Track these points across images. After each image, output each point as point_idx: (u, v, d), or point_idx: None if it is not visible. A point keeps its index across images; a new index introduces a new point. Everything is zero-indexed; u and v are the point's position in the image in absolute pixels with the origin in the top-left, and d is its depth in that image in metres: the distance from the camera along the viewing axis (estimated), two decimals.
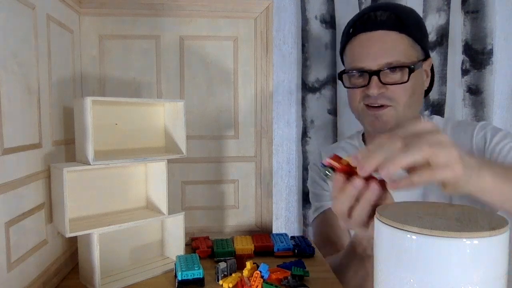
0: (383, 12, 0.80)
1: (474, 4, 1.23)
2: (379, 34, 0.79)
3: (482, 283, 0.32)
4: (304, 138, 1.27)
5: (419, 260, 0.33)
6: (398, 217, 0.36)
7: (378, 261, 0.38)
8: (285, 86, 1.30)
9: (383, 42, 0.79)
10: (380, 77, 0.78)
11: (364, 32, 0.81)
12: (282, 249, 0.74)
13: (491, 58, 1.24)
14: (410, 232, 0.33)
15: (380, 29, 0.79)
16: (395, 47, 0.78)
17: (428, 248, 0.33)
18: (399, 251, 0.35)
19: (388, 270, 0.36)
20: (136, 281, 0.63)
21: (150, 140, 0.73)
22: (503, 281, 0.34)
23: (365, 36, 0.81)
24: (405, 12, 0.82)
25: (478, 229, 0.32)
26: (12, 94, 0.50)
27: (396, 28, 0.79)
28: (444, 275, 0.32)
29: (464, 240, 0.32)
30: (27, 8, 0.54)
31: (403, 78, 0.78)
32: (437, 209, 0.39)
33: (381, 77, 0.78)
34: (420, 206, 0.41)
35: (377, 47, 0.79)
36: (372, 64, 0.79)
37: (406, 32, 0.79)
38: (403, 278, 0.34)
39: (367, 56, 0.80)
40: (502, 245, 0.33)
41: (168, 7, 0.78)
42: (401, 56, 0.78)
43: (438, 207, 0.41)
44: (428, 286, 0.33)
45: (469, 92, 1.26)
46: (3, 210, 0.48)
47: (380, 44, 0.79)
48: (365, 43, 0.81)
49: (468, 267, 0.32)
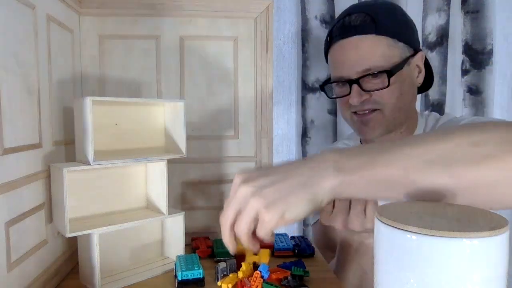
0: (357, 15, 0.77)
1: (474, 4, 1.23)
2: (354, 40, 0.76)
3: (482, 283, 0.32)
4: (304, 138, 1.27)
5: (419, 260, 0.33)
6: (398, 217, 0.36)
7: (378, 261, 0.38)
8: (285, 86, 1.30)
9: (358, 48, 0.76)
10: (361, 85, 0.76)
11: (341, 39, 0.78)
12: (282, 249, 0.74)
13: (491, 58, 1.24)
14: (410, 232, 0.33)
15: (356, 34, 0.76)
16: (372, 52, 0.75)
17: (428, 248, 0.33)
18: (399, 251, 0.35)
19: (388, 270, 0.36)
20: (136, 281, 0.63)
21: (150, 140, 0.73)
22: (503, 281, 0.34)
23: (341, 44, 0.78)
24: (382, 12, 0.78)
25: (478, 229, 0.32)
26: (12, 94, 0.50)
27: (372, 31, 0.75)
28: (444, 275, 0.32)
29: (464, 240, 0.32)
30: (27, 8, 0.54)
31: (384, 83, 0.75)
32: (437, 209, 0.39)
33: (362, 84, 0.76)
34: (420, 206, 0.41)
35: (353, 54, 0.76)
36: (350, 72, 0.77)
37: (384, 33, 0.75)
38: (403, 278, 0.34)
39: (344, 65, 0.78)
40: (502, 245, 0.33)
41: (168, 7, 0.78)
42: (380, 60, 0.75)
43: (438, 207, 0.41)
44: (428, 286, 0.33)
45: (469, 92, 1.26)
46: (3, 210, 0.48)
47: (356, 51, 0.76)
48: (342, 51, 0.78)
49: (468, 267, 0.32)
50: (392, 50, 0.76)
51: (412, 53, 0.79)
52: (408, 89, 0.79)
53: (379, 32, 0.75)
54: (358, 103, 0.76)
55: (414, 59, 0.80)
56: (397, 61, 0.76)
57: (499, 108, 1.31)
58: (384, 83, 0.75)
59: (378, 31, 0.75)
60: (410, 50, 0.79)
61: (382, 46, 0.75)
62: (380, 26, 0.75)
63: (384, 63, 0.75)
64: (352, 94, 0.77)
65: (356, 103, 0.77)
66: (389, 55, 0.76)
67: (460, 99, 1.28)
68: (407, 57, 0.78)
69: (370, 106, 0.77)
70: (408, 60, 0.78)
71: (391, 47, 0.76)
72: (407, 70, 0.78)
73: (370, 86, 0.76)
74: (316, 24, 1.23)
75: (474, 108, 1.26)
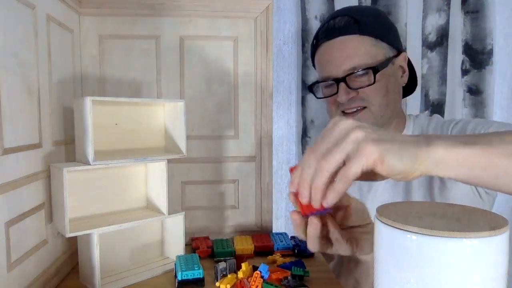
0: (341, 17, 0.81)
1: (474, 4, 1.23)
2: (339, 40, 0.80)
3: (482, 283, 0.32)
4: (304, 138, 1.27)
5: (419, 260, 0.33)
6: (398, 217, 0.36)
7: (378, 261, 0.38)
8: (285, 86, 1.30)
9: (344, 47, 0.79)
10: (348, 83, 0.78)
11: (327, 41, 0.81)
12: (282, 248, 0.74)
13: (491, 58, 1.24)
14: (410, 232, 0.33)
15: (340, 35, 0.79)
16: (356, 51, 0.78)
17: (428, 248, 0.33)
18: (399, 251, 0.35)
19: (388, 270, 0.36)
20: (136, 281, 0.63)
21: (150, 140, 0.73)
22: (503, 281, 0.34)
23: (327, 45, 0.82)
24: (364, 14, 0.82)
25: (478, 229, 0.32)
26: (12, 94, 0.50)
27: (356, 31, 0.79)
28: (444, 275, 0.32)
29: (464, 240, 0.32)
30: (27, 8, 0.54)
31: (370, 79, 0.78)
32: (437, 209, 0.40)
33: (349, 82, 0.78)
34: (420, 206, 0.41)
35: (338, 53, 0.79)
36: (336, 71, 0.79)
37: (367, 33, 0.79)
38: (403, 278, 0.34)
39: (330, 64, 0.81)
40: (502, 245, 0.33)
41: (168, 7, 0.78)
42: (365, 58, 0.78)
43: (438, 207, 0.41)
44: (428, 286, 0.33)
45: (469, 92, 1.26)
46: (3, 210, 0.48)
47: (341, 50, 0.79)
48: (328, 51, 0.82)
49: (468, 267, 0.32)
50: (376, 49, 0.79)
51: (395, 54, 0.83)
52: (394, 87, 0.82)
53: (362, 33, 0.79)
54: (346, 100, 0.79)
55: (398, 59, 0.83)
56: (381, 59, 0.79)
57: (499, 108, 1.31)
58: (370, 80, 0.78)
59: (362, 32, 0.79)
60: (393, 51, 0.83)
61: (366, 45, 0.79)
62: (364, 27, 0.79)
63: (369, 60, 0.78)
64: (339, 92, 0.79)
65: (344, 101, 0.79)
66: (374, 53, 0.79)
67: (460, 99, 1.28)
68: (390, 56, 0.81)
69: (357, 103, 0.80)
70: (392, 60, 0.81)
71: (374, 46, 0.79)
72: (392, 69, 0.81)
73: (357, 84, 0.79)
74: (316, 24, 1.23)
75: (474, 108, 1.26)
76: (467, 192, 0.78)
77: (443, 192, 0.80)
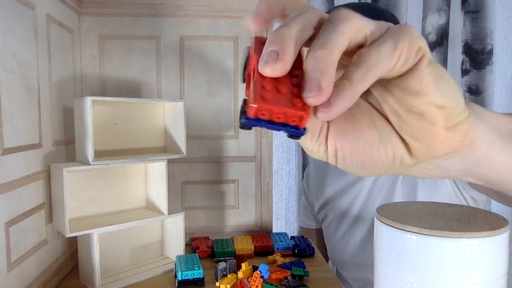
0: None
1: (474, 4, 1.23)
2: None
3: (482, 283, 0.32)
4: None
5: (419, 260, 0.33)
6: (398, 217, 0.36)
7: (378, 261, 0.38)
8: None
9: None
10: None
11: None
12: (282, 248, 0.74)
13: (491, 58, 1.24)
14: (410, 232, 0.33)
15: None
16: None
17: (428, 248, 0.33)
18: (399, 251, 0.35)
19: (388, 270, 0.36)
20: (136, 281, 0.63)
21: (150, 140, 0.73)
22: (503, 281, 0.34)
23: None
24: (365, 11, 0.81)
25: (478, 229, 0.32)
26: (12, 94, 0.50)
27: None
28: (444, 275, 0.32)
29: (464, 240, 0.32)
30: (27, 8, 0.54)
31: None
32: (437, 209, 0.39)
33: None
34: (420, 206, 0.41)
35: None
36: None
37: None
38: (403, 278, 0.34)
39: None
40: (502, 245, 0.33)
41: (168, 7, 0.78)
42: None
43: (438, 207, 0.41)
44: (428, 286, 0.33)
45: (469, 92, 1.26)
46: (3, 210, 0.48)
47: None
48: None
49: (468, 267, 0.32)
50: None
51: None
52: None
53: None
54: None
55: None
56: None
57: (499, 108, 1.31)
58: None
59: None
60: None
61: None
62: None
63: None
64: None
65: None
66: None
67: None
68: None
69: None
70: None
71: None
72: None
73: None
74: None
75: None
76: (449, 195, 0.78)
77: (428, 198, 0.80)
